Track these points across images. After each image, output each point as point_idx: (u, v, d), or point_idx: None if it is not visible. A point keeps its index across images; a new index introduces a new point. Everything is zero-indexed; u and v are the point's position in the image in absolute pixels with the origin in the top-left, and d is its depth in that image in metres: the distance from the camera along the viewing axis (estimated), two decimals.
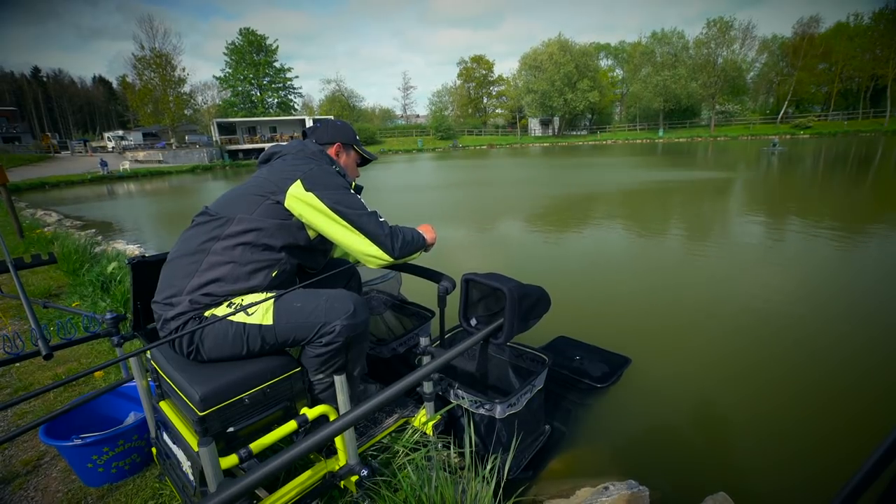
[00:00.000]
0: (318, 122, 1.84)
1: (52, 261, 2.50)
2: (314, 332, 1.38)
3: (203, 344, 1.37)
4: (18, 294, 1.62)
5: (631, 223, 7.38)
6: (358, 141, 1.87)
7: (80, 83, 77.53)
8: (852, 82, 44.11)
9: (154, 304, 1.45)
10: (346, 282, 1.94)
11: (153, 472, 1.80)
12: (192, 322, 1.37)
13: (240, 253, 1.42)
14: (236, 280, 1.41)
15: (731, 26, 44.01)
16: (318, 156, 1.66)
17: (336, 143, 1.78)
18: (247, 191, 1.53)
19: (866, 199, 9.07)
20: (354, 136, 1.85)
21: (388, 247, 1.50)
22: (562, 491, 1.81)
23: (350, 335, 1.41)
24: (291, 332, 1.38)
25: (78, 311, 2.41)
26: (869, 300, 3.83)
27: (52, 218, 10.07)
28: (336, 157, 1.77)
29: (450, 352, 1.18)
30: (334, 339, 1.38)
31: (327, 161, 1.67)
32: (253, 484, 0.66)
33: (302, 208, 1.47)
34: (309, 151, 1.65)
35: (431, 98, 62.13)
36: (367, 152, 1.91)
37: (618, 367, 2.68)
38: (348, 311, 1.39)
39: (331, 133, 1.79)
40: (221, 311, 1.38)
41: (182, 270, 1.42)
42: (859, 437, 2.14)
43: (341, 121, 1.87)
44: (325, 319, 1.38)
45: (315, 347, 1.41)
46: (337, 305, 1.40)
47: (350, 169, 1.85)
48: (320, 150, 1.69)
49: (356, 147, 1.85)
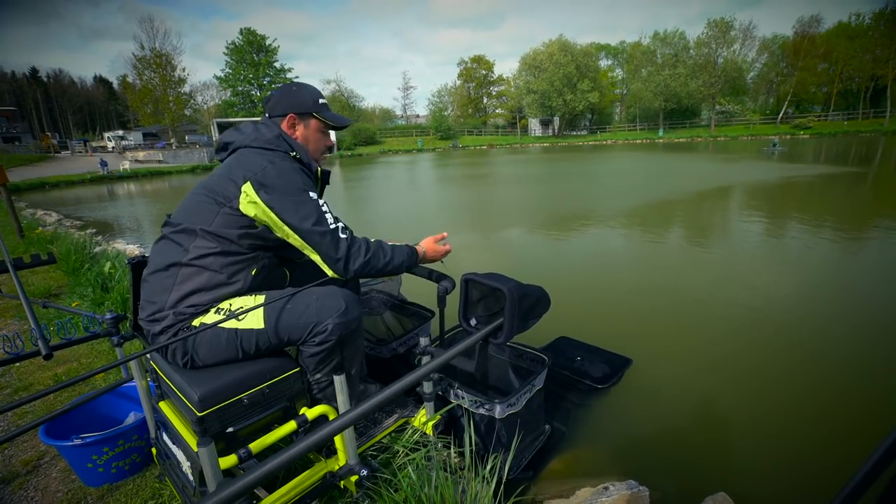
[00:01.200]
0: (276, 90, 1.60)
1: (51, 261, 2.50)
2: (307, 333, 1.38)
3: (197, 353, 1.36)
4: (18, 294, 1.61)
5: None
6: (320, 105, 1.59)
7: (80, 83, 77.56)
8: (852, 82, 44.08)
9: (140, 321, 1.43)
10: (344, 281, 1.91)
11: (153, 472, 1.80)
12: (181, 333, 1.36)
13: (212, 261, 1.38)
14: (217, 286, 1.39)
15: (732, 26, 44.05)
16: (275, 142, 1.47)
17: (288, 115, 1.55)
18: (204, 195, 1.42)
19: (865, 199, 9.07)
20: (314, 100, 1.58)
21: (341, 269, 1.39)
22: (562, 491, 1.81)
23: (343, 333, 1.40)
24: (284, 333, 1.38)
25: (78, 311, 2.41)
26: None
27: (51, 218, 10.07)
28: (291, 133, 1.56)
29: (449, 351, 1.18)
30: (327, 337, 1.38)
31: (285, 147, 1.48)
32: (252, 484, 0.66)
33: (256, 211, 1.37)
34: (264, 139, 1.47)
35: (431, 98, 62.17)
36: (335, 117, 1.63)
37: (619, 368, 2.68)
38: (339, 309, 1.39)
39: (283, 103, 1.56)
40: (210, 318, 1.37)
41: (159, 286, 1.39)
42: (859, 438, 2.14)
43: (298, 83, 1.62)
44: (316, 319, 1.37)
45: (309, 347, 1.41)
46: (328, 304, 1.39)
47: (312, 144, 1.61)
48: (276, 135, 1.49)
49: (316, 114, 1.58)
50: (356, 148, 42.61)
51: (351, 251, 1.40)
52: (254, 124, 1.54)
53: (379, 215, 9.67)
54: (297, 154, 1.51)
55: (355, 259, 1.41)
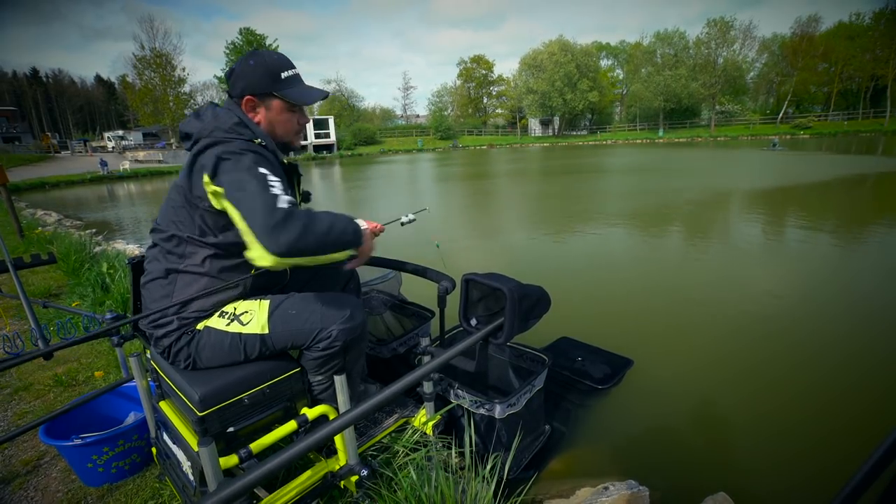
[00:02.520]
0: (237, 65, 1.41)
1: (51, 261, 2.51)
2: (311, 338, 1.38)
3: (200, 356, 1.36)
4: (18, 294, 1.62)
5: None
6: (282, 81, 1.38)
7: (81, 83, 77.57)
8: (852, 82, 44.11)
9: (142, 325, 1.42)
10: (346, 283, 1.87)
11: (153, 472, 1.80)
12: (185, 336, 1.36)
13: (209, 266, 1.35)
14: (218, 291, 1.37)
15: (732, 26, 44.08)
16: (237, 130, 1.32)
17: (245, 97, 1.38)
18: (179, 196, 1.34)
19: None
20: (273, 76, 1.37)
21: (271, 240, 1.10)
22: (562, 491, 1.81)
23: (348, 339, 1.40)
24: (289, 338, 1.37)
25: (78, 311, 2.42)
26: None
27: (51, 218, 10.07)
28: (253, 116, 1.40)
29: (449, 351, 1.17)
30: (332, 343, 1.38)
31: (248, 135, 1.32)
32: (252, 483, 0.66)
33: (219, 202, 1.25)
34: (224, 127, 1.31)
35: (431, 98, 62.21)
36: (300, 94, 1.41)
37: (620, 369, 2.68)
38: (344, 316, 1.38)
39: (239, 82, 1.38)
40: (214, 322, 1.36)
41: (159, 292, 1.38)
42: (859, 438, 2.14)
43: (257, 56, 1.39)
44: (321, 325, 1.37)
45: (313, 352, 1.41)
46: (333, 310, 1.39)
47: (279, 127, 1.43)
48: (237, 122, 1.34)
49: (277, 94, 1.38)
50: (356, 148, 42.61)
51: (287, 221, 1.13)
52: (213, 109, 1.39)
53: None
54: (262, 141, 1.35)
55: (290, 229, 1.12)
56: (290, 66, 1.41)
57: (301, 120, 1.48)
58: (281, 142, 1.46)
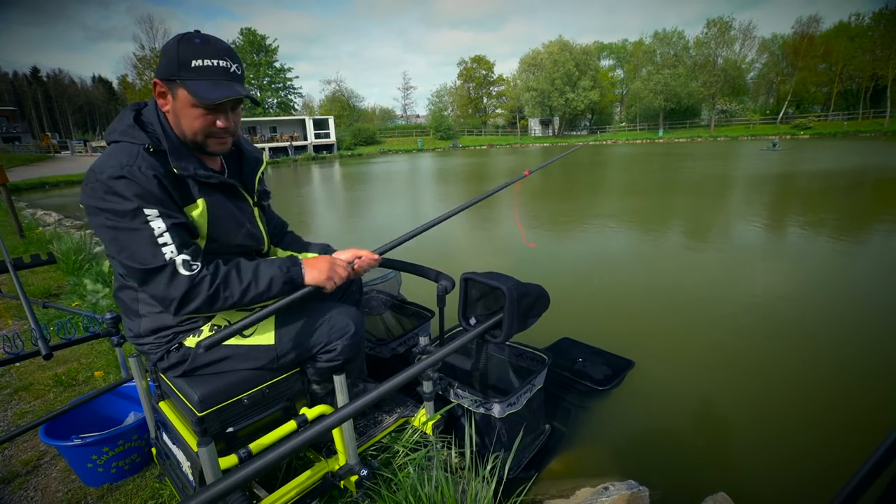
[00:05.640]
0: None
1: (51, 261, 2.51)
2: (315, 350, 1.37)
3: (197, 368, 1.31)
4: (18, 294, 1.61)
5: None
6: (189, 70, 1.13)
7: (81, 83, 77.58)
8: (852, 82, 44.08)
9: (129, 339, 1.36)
10: (349, 285, 1.80)
11: (153, 472, 1.80)
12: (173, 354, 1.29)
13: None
14: None
15: (731, 27, 44.06)
16: (129, 133, 1.16)
17: (154, 80, 1.20)
18: None
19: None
20: (182, 62, 1.12)
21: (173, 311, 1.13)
22: (562, 491, 1.81)
23: (350, 354, 1.40)
24: (292, 350, 1.35)
25: (78, 311, 2.42)
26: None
27: (51, 218, 10.06)
28: (163, 106, 1.21)
29: (446, 348, 1.17)
30: (335, 357, 1.38)
31: (141, 139, 1.15)
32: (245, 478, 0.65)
33: None
34: (119, 129, 1.18)
35: (431, 98, 62.20)
36: (201, 89, 1.13)
37: (621, 370, 2.67)
38: (349, 332, 1.37)
39: (159, 66, 1.18)
40: (207, 335, 1.28)
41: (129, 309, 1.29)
42: (859, 438, 2.14)
43: (184, 37, 1.16)
44: (327, 339, 1.36)
45: (315, 362, 1.40)
46: (338, 325, 1.37)
47: (184, 122, 1.19)
48: (129, 124, 1.17)
49: (181, 81, 1.14)
50: (356, 148, 42.61)
51: (190, 290, 1.11)
52: (124, 110, 1.24)
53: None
54: (163, 145, 1.16)
55: (194, 298, 1.11)
56: (215, 55, 1.14)
57: (220, 122, 1.20)
58: (189, 140, 1.22)
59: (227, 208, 1.31)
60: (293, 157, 35.73)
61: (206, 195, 1.25)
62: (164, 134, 1.19)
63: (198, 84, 1.14)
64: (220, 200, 1.30)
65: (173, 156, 1.17)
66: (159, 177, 1.12)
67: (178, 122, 1.20)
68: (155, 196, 1.11)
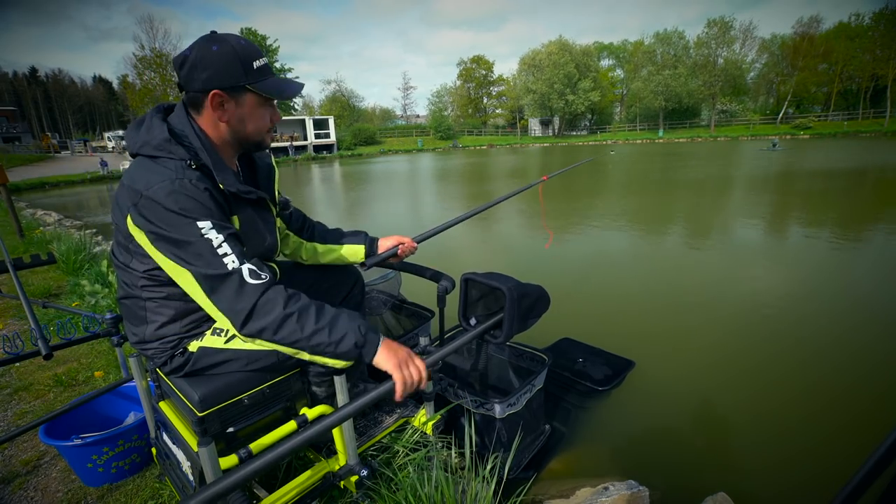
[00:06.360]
0: (188, 50, 1.13)
1: (51, 261, 2.51)
2: None
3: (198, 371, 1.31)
4: (18, 294, 1.62)
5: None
6: (254, 72, 1.14)
7: (81, 83, 77.59)
8: (852, 82, 44.08)
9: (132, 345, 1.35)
10: (352, 286, 1.78)
11: (153, 472, 1.80)
12: (177, 358, 1.28)
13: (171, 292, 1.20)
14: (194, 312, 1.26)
15: (731, 27, 44.08)
16: (166, 148, 1.10)
17: (211, 92, 1.12)
18: (115, 229, 1.18)
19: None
20: (245, 67, 1.12)
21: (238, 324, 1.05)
22: (562, 491, 1.81)
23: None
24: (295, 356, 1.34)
25: (78, 311, 2.42)
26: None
27: (51, 218, 10.06)
28: (218, 115, 1.16)
29: (446, 348, 1.17)
30: None
31: (180, 153, 1.10)
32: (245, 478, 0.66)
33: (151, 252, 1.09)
34: (153, 144, 1.10)
35: (431, 98, 62.21)
36: (277, 86, 1.19)
37: (621, 371, 2.67)
38: None
39: (201, 74, 1.11)
40: (209, 341, 1.28)
41: (134, 315, 1.27)
42: (859, 437, 2.14)
43: (221, 41, 1.11)
44: None
45: (316, 366, 1.40)
46: None
47: (251, 125, 1.20)
48: (166, 138, 1.10)
49: (252, 87, 1.15)
50: (356, 148, 42.63)
51: (260, 304, 1.05)
52: (150, 118, 1.16)
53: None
54: (203, 159, 1.12)
55: (264, 314, 1.04)
56: (260, 53, 1.17)
57: (274, 116, 1.25)
58: (252, 141, 1.25)
59: (255, 222, 1.30)
60: (293, 157, 35.78)
61: (240, 210, 1.24)
62: (204, 148, 1.14)
63: (268, 83, 1.17)
64: (250, 215, 1.28)
65: (217, 171, 1.14)
66: (210, 189, 1.10)
67: (243, 126, 1.20)
68: (208, 209, 1.08)
